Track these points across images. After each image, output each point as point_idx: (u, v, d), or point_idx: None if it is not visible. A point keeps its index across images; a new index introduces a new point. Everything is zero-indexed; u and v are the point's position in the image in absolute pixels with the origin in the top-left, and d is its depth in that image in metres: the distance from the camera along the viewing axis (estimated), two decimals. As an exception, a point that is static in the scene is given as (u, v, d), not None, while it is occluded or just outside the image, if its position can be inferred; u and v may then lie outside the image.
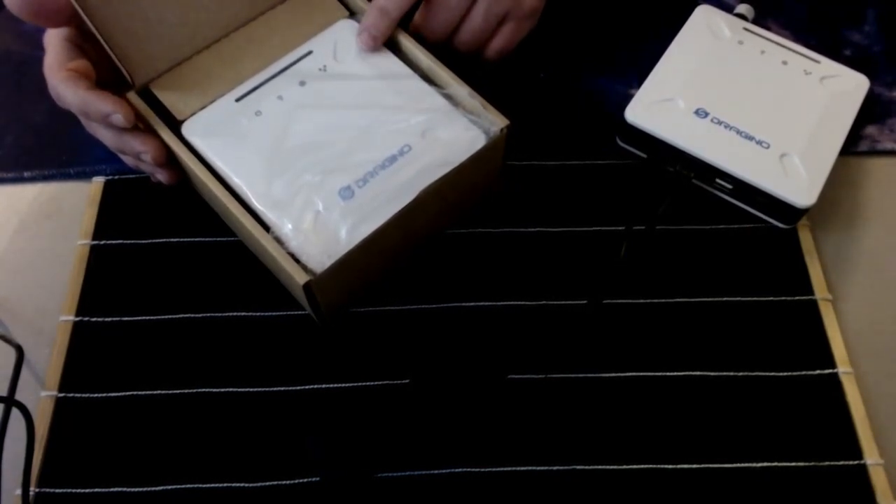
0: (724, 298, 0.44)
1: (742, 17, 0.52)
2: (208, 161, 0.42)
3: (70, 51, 0.42)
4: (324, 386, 0.42)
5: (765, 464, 0.40)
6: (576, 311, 0.44)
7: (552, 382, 0.42)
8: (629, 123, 0.47)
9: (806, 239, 0.46)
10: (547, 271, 0.45)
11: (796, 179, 0.44)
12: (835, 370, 0.42)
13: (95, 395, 0.42)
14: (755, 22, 0.52)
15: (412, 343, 0.43)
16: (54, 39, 0.43)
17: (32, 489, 0.39)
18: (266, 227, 0.39)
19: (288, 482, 0.39)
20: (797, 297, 0.44)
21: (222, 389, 0.42)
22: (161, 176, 0.45)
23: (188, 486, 0.39)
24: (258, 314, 0.44)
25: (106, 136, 0.44)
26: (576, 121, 0.50)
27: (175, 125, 0.43)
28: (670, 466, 0.40)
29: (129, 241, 0.46)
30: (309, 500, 0.39)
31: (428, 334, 0.43)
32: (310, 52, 0.45)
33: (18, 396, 0.39)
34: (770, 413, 0.41)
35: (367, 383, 0.42)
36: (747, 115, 0.46)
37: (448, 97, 0.43)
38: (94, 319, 0.44)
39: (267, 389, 0.42)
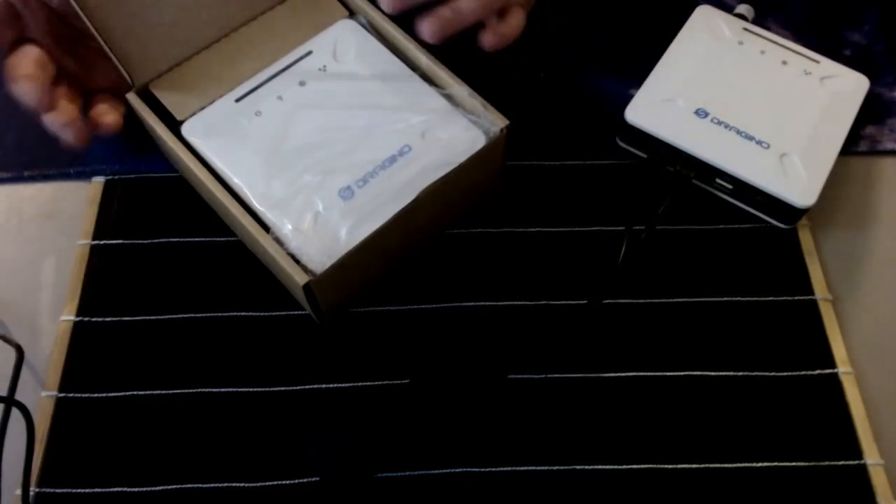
0: (724, 298, 0.44)
1: (742, 17, 0.52)
2: (208, 161, 0.42)
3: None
4: (324, 386, 0.42)
5: (765, 464, 0.40)
6: (576, 311, 0.44)
7: (552, 382, 0.42)
8: (629, 123, 0.47)
9: (806, 239, 0.46)
10: (547, 271, 0.45)
11: (796, 179, 0.44)
12: (835, 370, 0.42)
13: (95, 395, 0.42)
14: (755, 22, 0.52)
15: (412, 343, 0.43)
16: None
17: (32, 489, 0.39)
18: (266, 228, 0.39)
19: (288, 482, 0.39)
20: (797, 297, 0.44)
21: (222, 389, 0.42)
22: (69, 135, 0.43)
23: (188, 486, 0.39)
24: (258, 314, 0.44)
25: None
26: (576, 121, 0.50)
27: (175, 125, 0.43)
28: (670, 466, 0.40)
29: (129, 241, 0.46)
30: (309, 500, 0.39)
31: (428, 334, 0.43)
32: (310, 52, 0.45)
33: (18, 396, 0.39)
34: (770, 413, 0.41)
35: (367, 383, 0.42)
36: (747, 115, 0.46)
37: (448, 97, 0.43)
38: (94, 319, 0.44)
39: (267, 389, 0.42)
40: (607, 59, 0.53)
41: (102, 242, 0.46)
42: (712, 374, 0.42)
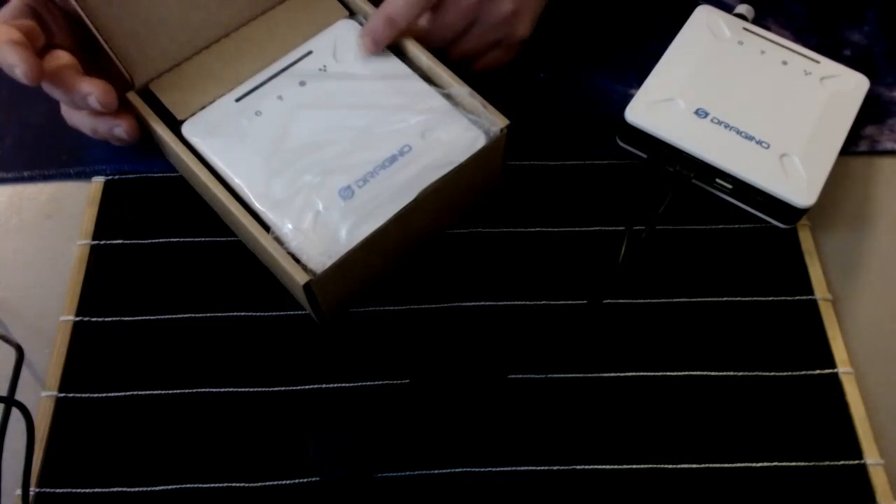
0: (724, 298, 0.44)
1: (742, 17, 0.52)
2: (208, 161, 0.42)
3: (22, 11, 0.42)
4: (324, 386, 0.42)
5: (765, 464, 0.40)
6: (576, 311, 0.44)
7: (552, 382, 0.42)
8: (629, 123, 0.47)
9: (806, 239, 0.46)
10: (547, 271, 0.45)
11: (796, 179, 0.44)
12: (835, 370, 0.42)
13: (95, 395, 0.42)
14: (755, 22, 0.52)
15: (412, 343, 0.43)
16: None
17: (32, 489, 0.39)
18: (266, 227, 0.39)
19: (288, 482, 0.39)
20: (797, 297, 0.44)
21: (222, 389, 0.42)
22: (120, 130, 0.44)
23: (188, 486, 0.39)
24: (258, 314, 0.44)
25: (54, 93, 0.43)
26: (576, 121, 0.50)
27: (175, 125, 0.43)
28: (670, 466, 0.40)
29: (129, 241, 0.46)
30: (309, 500, 0.39)
31: (428, 334, 0.43)
32: (310, 52, 0.45)
33: (18, 396, 0.39)
34: (770, 413, 0.41)
35: (367, 383, 0.42)
36: (747, 115, 0.46)
37: (448, 97, 0.43)
38: (94, 319, 0.44)
39: (267, 389, 0.42)
40: (607, 59, 0.53)
41: (102, 242, 0.46)
42: (712, 374, 0.42)
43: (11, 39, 0.38)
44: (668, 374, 0.42)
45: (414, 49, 0.44)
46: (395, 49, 0.45)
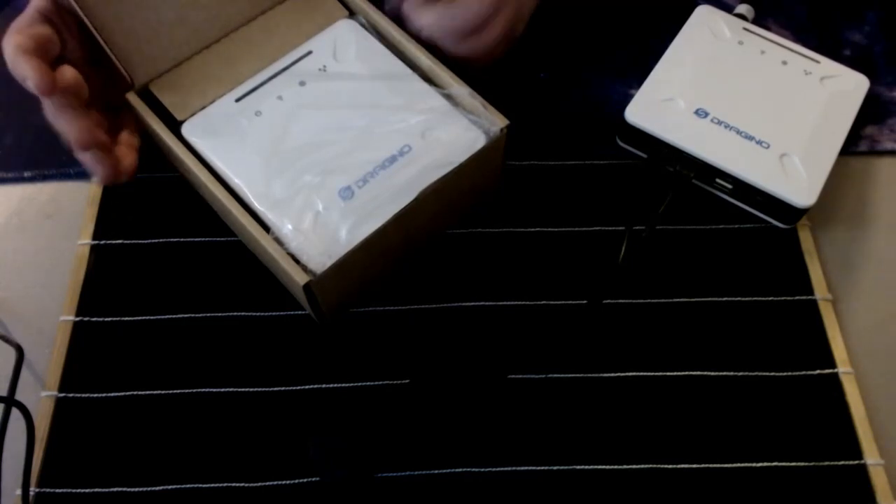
0: (724, 298, 0.44)
1: (742, 17, 0.52)
2: (208, 161, 0.42)
3: (38, 20, 0.41)
4: (324, 386, 0.42)
5: (765, 464, 0.40)
6: (576, 311, 0.44)
7: (552, 382, 0.42)
8: (629, 123, 0.47)
9: (806, 239, 0.46)
10: (547, 271, 0.45)
11: (796, 179, 0.44)
12: (835, 370, 0.42)
13: (95, 395, 0.42)
14: (755, 22, 0.52)
15: (412, 343, 0.43)
16: (30, 8, 0.42)
17: (32, 489, 0.39)
18: (266, 228, 0.39)
19: (288, 482, 0.39)
20: (797, 297, 0.44)
21: (222, 389, 0.42)
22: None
23: (188, 486, 0.39)
24: (258, 314, 0.44)
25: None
26: (576, 121, 0.50)
27: (175, 125, 0.43)
28: (670, 466, 0.40)
29: (129, 241, 0.46)
30: (309, 500, 0.39)
31: (428, 334, 0.43)
32: (310, 52, 0.45)
33: (18, 396, 0.39)
34: (770, 413, 0.41)
35: (367, 383, 0.42)
36: (747, 115, 0.46)
37: (448, 97, 0.43)
38: (94, 319, 0.44)
39: (267, 389, 0.42)
40: (607, 59, 0.53)
41: (102, 242, 0.46)
42: (712, 374, 0.42)
43: (25, 49, 0.38)
44: (668, 374, 0.42)
45: (414, 49, 0.44)
46: (396, 49, 0.45)
